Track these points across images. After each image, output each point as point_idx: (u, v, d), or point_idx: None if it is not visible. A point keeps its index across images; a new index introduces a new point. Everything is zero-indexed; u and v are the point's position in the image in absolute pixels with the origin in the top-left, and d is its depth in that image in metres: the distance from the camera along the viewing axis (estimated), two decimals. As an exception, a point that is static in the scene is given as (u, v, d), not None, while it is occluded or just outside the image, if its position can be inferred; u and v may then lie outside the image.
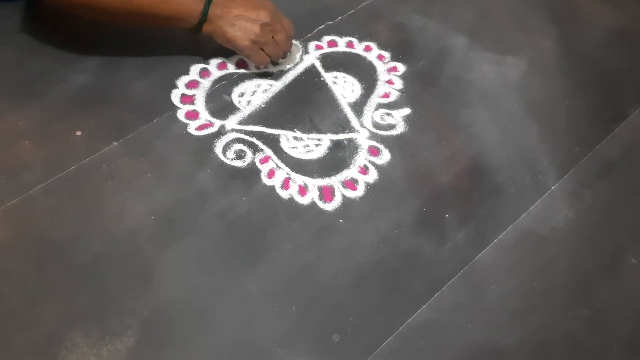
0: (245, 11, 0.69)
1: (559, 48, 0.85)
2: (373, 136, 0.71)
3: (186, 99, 0.71)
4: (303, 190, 0.65)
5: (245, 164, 0.66)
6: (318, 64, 0.78)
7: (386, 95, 0.76)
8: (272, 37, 0.70)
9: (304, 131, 0.71)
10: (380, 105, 0.75)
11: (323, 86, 0.76)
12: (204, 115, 0.70)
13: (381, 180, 0.67)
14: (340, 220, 0.63)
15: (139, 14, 0.67)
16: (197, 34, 0.70)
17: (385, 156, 0.70)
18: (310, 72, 0.77)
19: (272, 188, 0.65)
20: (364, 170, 0.68)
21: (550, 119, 0.76)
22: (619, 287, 0.62)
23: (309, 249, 0.61)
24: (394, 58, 0.80)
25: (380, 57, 0.80)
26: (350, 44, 0.81)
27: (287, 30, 0.72)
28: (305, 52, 0.79)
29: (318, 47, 0.80)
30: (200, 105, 0.71)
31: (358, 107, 0.74)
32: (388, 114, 0.74)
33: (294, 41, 0.80)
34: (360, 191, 0.66)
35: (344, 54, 0.80)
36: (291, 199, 0.64)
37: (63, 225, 0.60)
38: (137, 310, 0.55)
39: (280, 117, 0.72)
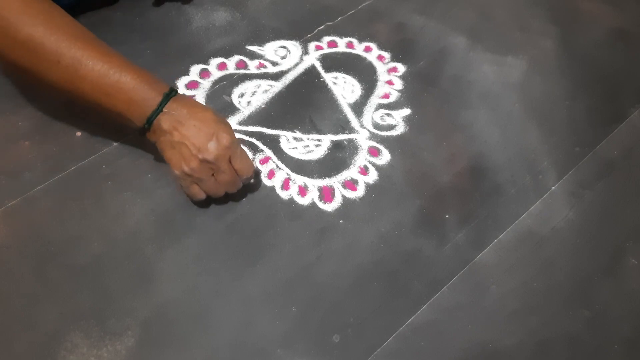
0: (192, 138, 0.57)
1: (559, 48, 0.85)
2: (373, 137, 0.71)
3: (186, 100, 0.71)
4: (303, 190, 0.65)
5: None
6: (318, 65, 0.78)
7: (386, 96, 0.76)
8: (212, 175, 0.59)
9: (304, 132, 0.71)
10: (380, 106, 0.75)
11: (323, 87, 0.76)
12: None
13: (381, 181, 0.67)
14: (340, 221, 0.63)
15: (83, 100, 0.57)
16: (142, 136, 0.60)
17: (385, 157, 0.70)
18: (310, 73, 0.77)
19: (272, 188, 0.65)
20: (364, 170, 0.68)
21: (550, 119, 0.76)
22: (619, 288, 0.62)
23: (309, 250, 0.61)
24: (394, 58, 0.80)
25: (380, 57, 0.80)
26: (350, 45, 0.81)
27: (234, 174, 0.59)
28: (305, 52, 0.79)
29: (318, 48, 0.80)
30: (200, 105, 0.71)
31: (358, 107, 0.74)
32: (388, 115, 0.74)
33: (293, 42, 0.80)
34: (360, 192, 0.66)
35: (344, 54, 0.80)
36: (291, 200, 0.64)
37: (63, 225, 0.60)
38: (137, 311, 0.55)
39: (280, 118, 0.72)
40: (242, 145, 0.61)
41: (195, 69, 0.75)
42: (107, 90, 0.56)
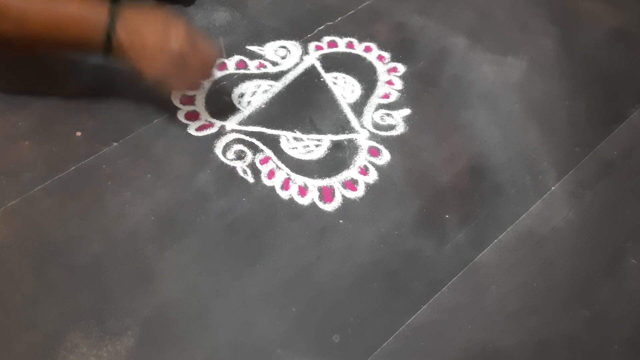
0: (151, 40, 0.59)
1: (559, 48, 0.85)
2: (373, 137, 0.71)
3: (186, 100, 0.71)
4: (303, 190, 0.65)
5: (246, 164, 0.67)
6: (318, 65, 0.78)
7: (386, 96, 0.76)
8: (184, 67, 0.62)
9: (304, 132, 0.71)
10: (380, 106, 0.75)
11: (323, 87, 0.76)
12: (204, 116, 0.70)
13: (381, 181, 0.67)
14: (340, 221, 0.63)
15: (41, 43, 0.60)
16: (111, 57, 0.61)
17: (385, 157, 0.70)
18: (311, 73, 0.77)
19: (272, 188, 0.65)
20: (364, 170, 0.68)
21: (551, 119, 0.76)
22: (619, 288, 0.62)
23: (309, 250, 0.61)
24: (394, 58, 0.80)
25: (380, 57, 0.80)
26: (350, 45, 0.81)
27: (203, 58, 0.63)
28: (305, 52, 0.79)
29: (318, 48, 0.80)
30: (200, 105, 0.71)
31: (358, 107, 0.74)
32: (388, 115, 0.74)
33: (293, 42, 0.80)
34: (360, 192, 0.66)
35: (344, 54, 0.80)
36: (291, 200, 0.64)
37: (63, 225, 0.60)
38: (137, 311, 0.55)
39: (280, 118, 0.71)
40: (242, 148, 0.61)
41: (195, 69, 0.75)
42: (58, 26, 0.58)
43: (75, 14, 0.58)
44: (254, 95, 0.73)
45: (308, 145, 0.70)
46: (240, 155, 0.67)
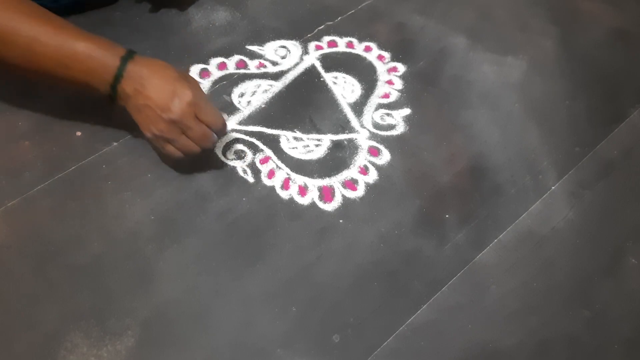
0: (155, 99, 0.57)
1: (559, 48, 0.85)
2: (373, 136, 0.71)
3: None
4: (303, 190, 0.65)
5: (246, 163, 0.67)
6: (318, 64, 0.78)
7: (386, 96, 0.76)
8: (183, 133, 0.58)
9: (304, 131, 0.71)
10: (380, 106, 0.75)
11: (323, 86, 0.76)
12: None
13: (381, 181, 0.67)
14: (340, 221, 0.63)
15: (45, 76, 0.57)
16: (113, 103, 0.60)
17: (385, 156, 0.70)
18: (310, 73, 0.77)
19: (272, 188, 0.65)
20: (364, 170, 0.68)
21: (550, 119, 0.76)
22: (619, 287, 0.62)
23: (309, 250, 0.61)
24: (394, 58, 0.80)
25: (380, 57, 0.80)
26: (350, 44, 0.81)
27: (204, 129, 0.59)
28: (305, 52, 0.79)
29: (318, 48, 0.80)
30: (200, 105, 0.71)
31: (358, 107, 0.74)
32: (388, 114, 0.74)
33: (293, 42, 0.80)
34: (360, 191, 0.66)
35: (344, 54, 0.80)
36: (291, 199, 0.64)
37: (63, 225, 0.60)
38: (137, 311, 0.55)
39: (280, 118, 0.72)
40: (242, 148, 0.61)
41: (195, 69, 0.75)
42: (65, 63, 0.56)
43: (85, 55, 0.56)
44: (254, 95, 0.73)
45: (308, 145, 0.70)
46: (240, 155, 0.67)
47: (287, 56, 0.78)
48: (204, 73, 0.75)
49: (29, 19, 0.56)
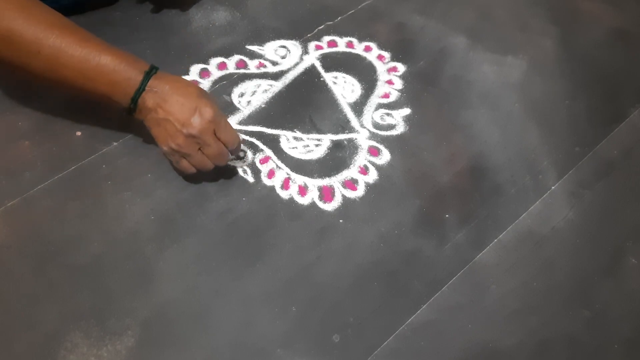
0: (176, 113, 0.58)
1: (559, 48, 0.85)
2: (373, 136, 0.71)
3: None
4: (303, 190, 0.65)
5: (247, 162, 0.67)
6: (318, 64, 0.78)
7: (386, 96, 0.76)
8: (199, 150, 0.59)
9: (304, 131, 0.71)
10: (380, 106, 0.75)
11: (323, 86, 0.76)
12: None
13: (381, 181, 0.67)
14: (340, 221, 0.63)
15: (67, 86, 0.58)
16: (130, 115, 0.61)
17: (385, 156, 0.70)
18: (310, 73, 0.77)
19: (272, 188, 0.65)
20: (364, 170, 0.68)
21: (550, 119, 0.76)
22: (619, 287, 0.62)
23: (309, 250, 0.61)
24: (394, 58, 0.80)
25: (380, 57, 0.80)
26: (350, 44, 0.81)
27: (220, 146, 0.60)
28: (305, 52, 0.79)
29: (318, 47, 0.80)
30: (200, 105, 0.71)
31: (358, 107, 0.74)
32: (388, 114, 0.74)
33: (293, 42, 0.80)
34: (360, 191, 0.66)
35: (344, 54, 0.80)
36: (291, 199, 0.64)
37: (63, 225, 0.60)
38: (137, 311, 0.55)
39: (280, 118, 0.72)
40: (242, 148, 0.61)
41: (195, 69, 0.75)
42: (89, 75, 0.57)
43: (109, 68, 0.57)
44: (253, 95, 0.73)
45: (308, 145, 0.70)
46: (240, 155, 0.67)
47: (287, 56, 0.78)
48: (204, 73, 0.75)
49: (54, 29, 0.56)
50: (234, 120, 0.70)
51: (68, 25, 0.58)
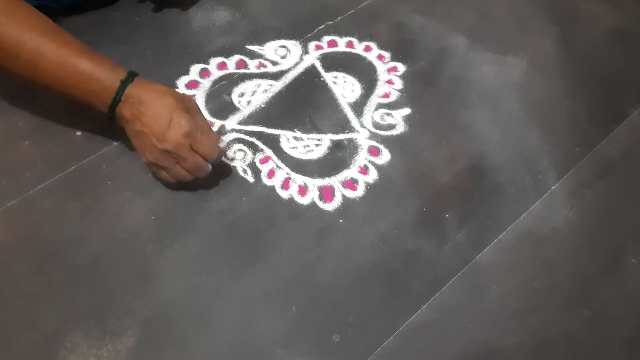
0: (151, 127, 0.57)
1: (559, 48, 0.85)
2: (373, 136, 0.71)
3: (186, 99, 0.71)
4: (303, 190, 0.65)
5: (246, 163, 0.67)
6: (318, 64, 0.78)
7: (386, 95, 0.76)
8: (177, 163, 0.59)
9: (304, 131, 0.71)
10: (380, 105, 0.75)
11: (323, 86, 0.76)
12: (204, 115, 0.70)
13: (381, 180, 0.67)
14: (340, 221, 0.63)
15: (48, 91, 0.58)
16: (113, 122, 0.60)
17: (385, 156, 0.70)
18: (310, 72, 0.77)
19: (272, 188, 0.65)
20: (364, 170, 0.68)
21: (550, 119, 0.76)
22: (619, 287, 0.62)
23: (309, 249, 0.61)
24: (394, 58, 0.80)
25: (380, 57, 0.80)
26: (350, 44, 0.81)
27: (197, 159, 0.59)
28: (305, 52, 0.79)
29: (318, 47, 0.80)
30: (200, 105, 0.71)
31: (358, 107, 0.74)
32: (388, 114, 0.74)
33: (293, 42, 0.80)
34: (360, 191, 0.66)
35: (344, 54, 0.80)
36: (291, 199, 0.64)
37: (63, 225, 0.60)
38: (137, 311, 0.55)
39: (280, 117, 0.71)
40: (242, 148, 0.60)
41: (195, 69, 0.75)
42: (67, 82, 0.56)
43: (86, 75, 0.56)
44: (253, 95, 0.73)
45: (308, 145, 0.70)
46: (240, 155, 0.67)
47: (287, 56, 0.78)
48: (204, 73, 0.75)
49: (35, 33, 0.56)
50: (233, 120, 0.70)
51: (50, 29, 0.57)
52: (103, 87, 0.57)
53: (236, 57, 0.77)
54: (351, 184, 0.67)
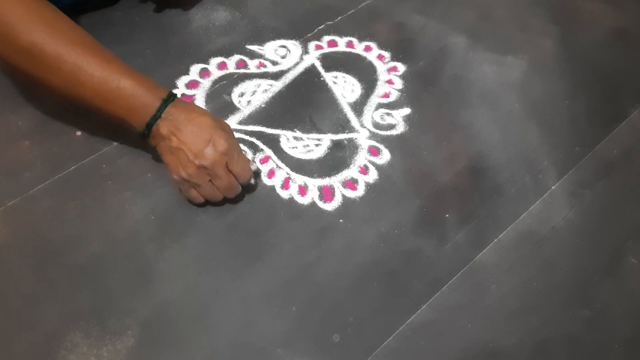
0: (189, 144, 0.57)
1: (559, 48, 0.85)
2: (373, 136, 0.71)
3: (186, 99, 0.71)
4: (303, 190, 0.65)
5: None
6: (318, 64, 0.78)
7: (386, 95, 0.76)
8: (210, 181, 0.59)
9: (304, 131, 0.71)
10: (380, 105, 0.75)
11: (323, 86, 0.76)
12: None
13: (381, 180, 0.67)
14: (340, 220, 0.63)
15: (85, 105, 0.58)
16: (143, 139, 0.60)
17: (385, 156, 0.70)
18: (310, 72, 0.77)
19: (272, 188, 0.65)
20: (364, 170, 0.68)
21: (550, 119, 0.76)
22: (619, 287, 0.62)
23: (309, 249, 0.61)
24: (394, 58, 0.80)
25: (380, 57, 0.80)
26: (350, 44, 0.81)
27: (231, 179, 0.60)
28: (305, 52, 0.79)
29: (318, 47, 0.80)
30: (200, 105, 0.71)
31: (358, 107, 0.74)
32: (388, 114, 0.74)
33: (293, 41, 0.80)
34: (360, 191, 0.66)
35: (344, 53, 0.80)
36: (291, 199, 0.64)
37: (63, 225, 0.60)
38: (137, 310, 0.55)
39: (280, 117, 0.72)
40: (242, 148, 0.61)
41: (195, 69, 0.75)
42: (106, 97, 0.57)
43: (127, 92, 0.56)
44: (254, 95, 0.73)
45: (308, 145, 0.70)
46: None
47: (287, 56, 0.78)
48: (204, 73, 0.75)
49: (77, 47, 0.56)
50: (233, 120, 0.70)
51: (91, 44, 0.58)
52: (144, 104, 0.57)
53: (236, 57, 0.77)
54: (351, 183, 0.67)
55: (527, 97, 0.78)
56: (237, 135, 0.69)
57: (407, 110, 0.75)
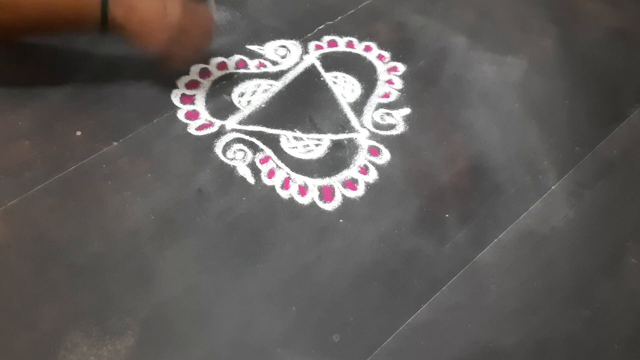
0: (147, 15, 0.59)
1: (559, 48, 0.85)
2: (373, 136, 0.71)
3: (186, 99, 0.71)
4: (303, 190, 0.65)
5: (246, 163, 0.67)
6: (318, 64, 0.78)
7: (386, 95, 0.76)
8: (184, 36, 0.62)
9: (304, 131, 0.71)
10: (380, 105, 0.75)
11: (323, 86, 0.76)
12: (204, 115, 0.70)
13: (381, 180, 0.67)
14: (340, 220, 0.63)
15: (32, 26, 0.59)
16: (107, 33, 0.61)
17: (385, 156, 0.70)
18: (310, 72, 0.77)
19: (272, 188, 0.65)
20: (364, 170, 0.68)
21: (550, 119, 0.76)
22: (619, 287, 0.62)
23: (309, 249, 0.61)
24: (394, 58, 0.80)
25: (380, 57, 0.80)
26: (350, 44, 0.81)
27: (200, 25, 0.64)
28: (305, 52, 0.79)
29: (318, 47, 0.80)
30: (200, 105, 0.71)
31: (358, 107, 0.74)
32: (388, 114, 0.74)
33: (293, 41, 0.80)
34: (360, 191, 0.66)
35: (344, 53, 0.80)
36: (291, 199, 0.64)
37: (63, 225, 0.60)
38: (137, 310, 0.55)
39: (280, 117, 0.72)
40: (242, 147, 0.61)
41: (195, 69, 0.75)
42: (50, 7, 0.57)
43: None
44: (253, 95, 0.73)
45: (308, 145, 0.70)
46: (240, 155, 0.67)
47: (287, 56, 0.78)
48: (204, 73, 0.75)
49: None
50: (233, 120, 0.70)
51: None
52: (89, 0, 0.58)
53: (236, 57, 0.77)
54: (351, 183, 0.67)
55: (527, 96, 0.78)
56: (237, 135, 0.69)
57: (407, 110, 0.75)
